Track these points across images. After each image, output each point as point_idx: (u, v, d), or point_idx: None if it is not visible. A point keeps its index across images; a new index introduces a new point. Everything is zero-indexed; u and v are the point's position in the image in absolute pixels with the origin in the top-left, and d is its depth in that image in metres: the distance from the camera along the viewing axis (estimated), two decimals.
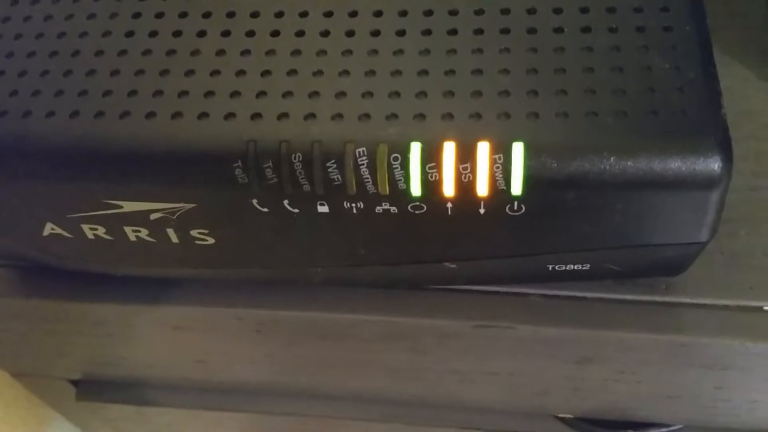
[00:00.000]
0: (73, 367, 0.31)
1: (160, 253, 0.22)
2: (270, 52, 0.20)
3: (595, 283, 0.23)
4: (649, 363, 0.24)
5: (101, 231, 0.21)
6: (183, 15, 0.21)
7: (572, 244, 0.20)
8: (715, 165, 0.18)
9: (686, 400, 0.26)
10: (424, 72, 0.19)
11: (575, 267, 0.21)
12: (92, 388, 0.33)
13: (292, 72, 0.20)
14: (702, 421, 0.28)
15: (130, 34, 0.21)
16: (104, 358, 0.29)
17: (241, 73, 0.20)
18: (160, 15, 0.21)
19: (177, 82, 0.20)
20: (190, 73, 0.20)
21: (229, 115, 0.19)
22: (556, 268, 0.21)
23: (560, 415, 0.29)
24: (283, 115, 0.19)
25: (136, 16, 0.22)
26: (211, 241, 0.21)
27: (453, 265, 0.21)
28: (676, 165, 0.18)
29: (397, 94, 0.19)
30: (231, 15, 0.21)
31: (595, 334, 0.23)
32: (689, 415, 0.28)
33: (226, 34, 0.21)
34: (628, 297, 0.23)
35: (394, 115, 0.19)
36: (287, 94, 0.19)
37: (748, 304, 0.23)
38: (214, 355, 0.28)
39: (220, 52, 0.20)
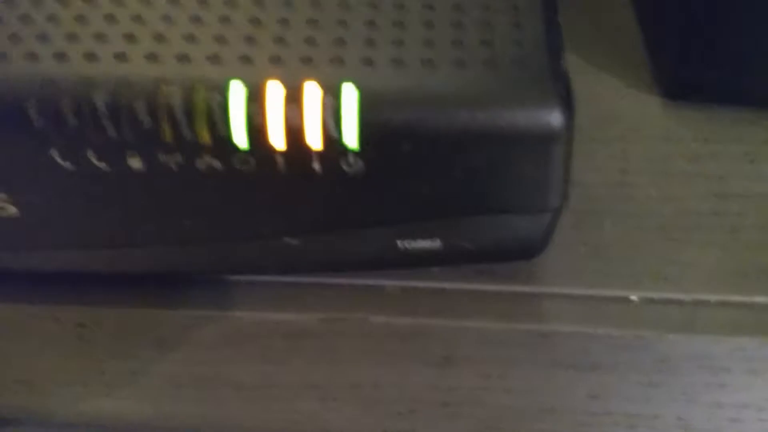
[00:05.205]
0: None
1: None
2: (88, 1, 0.18)
3: (455, 274, 0.22)
4: (515, 363, 0.22)
5: None
6: None
7: (416, 210, 0.18)
8: (553, 115, 0.17)
9: (562, 415, 0.24)
10: (255, 20, 0.18)
11: (426, 245, 0.19)
12: None
13: (109, 17, 0.18)
14: None
15: None
16: None
17: (51, 18, 0.18)
18: None
19: None
20: None
21: (31, 56, 0.17)
22: (406, 245, 0.19)
23: None
24: (91, 56, 0.17)
25: None
26: (13, 210, 0.18)
27: (294, 241, 0.19)
28: (514, 115, 0.17)
29: (222, 39, 0.18)
30: None
31: (452, 324, 0.21)
32: None
33: None
34: (488, 287, 0.21)
35: (217, 57, 0.17)
36: (100, 37, 0.17)
37: (613, 294, 0.22)
38: (38, 373, 0.24)
39: (35, 2, 0.19)
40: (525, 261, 0.21)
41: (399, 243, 0.19)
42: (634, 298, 0.22)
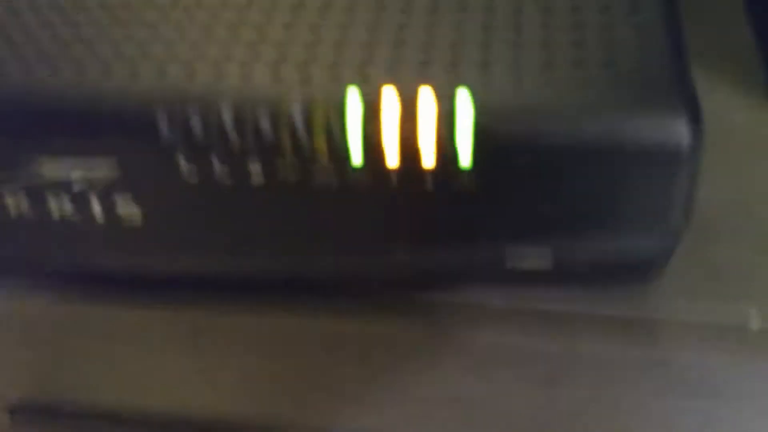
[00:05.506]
0: (8, 390, 0.28)
1: (89, 235, 0.20)
2: (214, 18, 0.19)
3: (563, 295, 0.21)
4: (624, 386, 0.21)
5: (24, 204, 0.20)
6: None
7: (527, 226, 0.18)
8: (681, 130, 0.16)
9: None
10: (371, 41, 0.18)
11: (536, 264, 0.19)
12: (32, 417, 0.30)
13: (235, 37, 0.19)
14: None
15: (79, 6, 0.21)
16: (38, 376, 0.27)
17: (181, 37, 0.19)
18: None
19: (113, 45, 0.19)
20: (129, 37, 0.19)
21: (162, 72, 0.18)
22: (517, 262, 0.19)
23: None
24: (218, 72, 0.18)
25: None
26: (140, 217, 0.19)
27: (405, 254, 0.19)
28: (638, 129, 0.16)
29: (340, 58, 0.18)
30: None
31: (560, 345, 0.21)
32: None
33: (174, 3, 0.20)
34: (599, 310, 0.21)
35: (336, 77, 0.17)
36: (226, 55, 0.18)
37: (732, 320, 0.21)
38: (148, 373, 0.25)
39: (164, 19, 0.20)
40: (640, 282, 0.20)
41: (510, 259, 0.19)
42: (753, 324, 0.21)
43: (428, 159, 0.17)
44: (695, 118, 0.16)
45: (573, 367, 0.21)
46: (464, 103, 0.16)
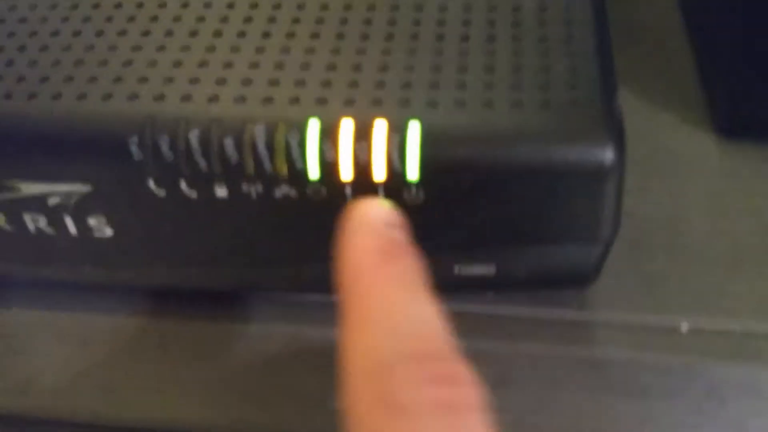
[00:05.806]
0: None
1: (60, 248, 0.21)
2: (184, 48, 0.21)
3: (509, 300, 0.23)
4: (566, 387, 0.23)
5: (1, 220, 0.21)
6: (108, 19, 0.22)
7: (473, 237, 0.20)
8: (605, 153, 0.18)
9: None
10: (332, 67, 0.20)
11: (482, 271, 0.21)
12: (6, 425, 0.31)
13: (203, 64, 0.20)
14: None
15: (55, 33, 0.22)
16: (13, 384, 0.28)
17: (152, 63, 0.20)
18: (86, 19, 0.22)
19: (89, 71, 0.20)
20: (102, 63, 0.21)
21: (133, 96, 0.19)
22: (463, 271, 0.21)
23: None
24: (186, 98, 0.19)
25: (65, 20, 0.22)
26: (109, 232, 0.21)
27: None
28: (567, 152, 0.18)
29: (302, 83, 0.20)
30: (154, 19, 0.22)
31: (505, 348, 0.22)
32: None
33: (146, 33, 0.21)
34: (541, 314, 0.23)
35: (297, 99, 0.19)
36: (194, 81, 0.20)
37: (664, 323, 0.22)
38: (118, 380, 0.26)
39: (136, 48, 0.21)
40: (578, 289, 0.22)
41: (456, 268, 0.21)
42: (683, 327, 0.22)
43: (379, 174, 0.19)
44: (617, 144, 0.18)
45: (517, 368, 0.23)
46: (412, 130, 0.18)
